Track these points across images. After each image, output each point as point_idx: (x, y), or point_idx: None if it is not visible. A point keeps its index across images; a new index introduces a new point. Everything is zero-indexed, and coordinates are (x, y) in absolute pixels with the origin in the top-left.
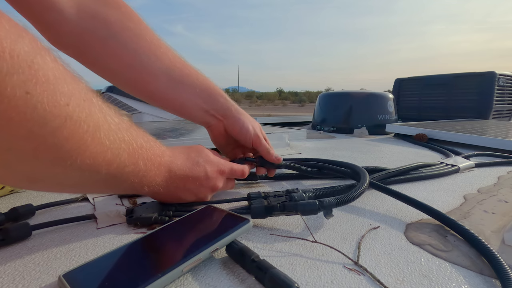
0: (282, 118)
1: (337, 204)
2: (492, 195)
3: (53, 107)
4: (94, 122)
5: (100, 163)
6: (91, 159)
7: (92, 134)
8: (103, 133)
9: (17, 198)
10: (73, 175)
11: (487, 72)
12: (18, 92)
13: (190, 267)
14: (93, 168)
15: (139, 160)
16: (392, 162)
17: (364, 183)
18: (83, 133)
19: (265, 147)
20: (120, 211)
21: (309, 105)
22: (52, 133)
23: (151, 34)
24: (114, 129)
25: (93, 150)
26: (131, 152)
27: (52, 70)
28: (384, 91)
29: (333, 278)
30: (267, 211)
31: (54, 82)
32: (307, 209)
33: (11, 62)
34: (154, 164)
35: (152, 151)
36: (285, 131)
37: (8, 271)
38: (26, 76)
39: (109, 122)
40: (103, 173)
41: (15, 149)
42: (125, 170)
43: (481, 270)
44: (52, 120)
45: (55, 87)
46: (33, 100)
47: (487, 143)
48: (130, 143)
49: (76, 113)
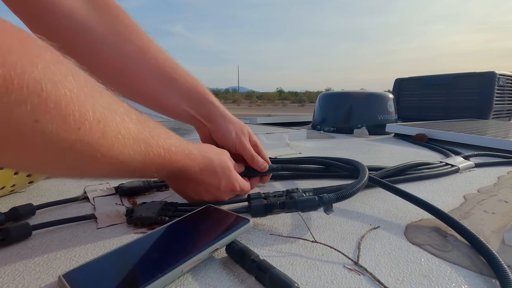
0: (282, 118)
1: (336, 199)
2: (492, 195)
3: (63, 131)
4: (108, 141)
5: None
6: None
7: (109, 148)
8: (121, 146)
9: (17, 198)
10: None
11: (487, 72)
12: (27, 120)
13: (190, 267)
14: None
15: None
16: (392, 162)
17: (363, 177)
18: (95, 151)
19: (249, 153)
20: (120, 211)
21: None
22: (63, 152)
23: (141, 37)
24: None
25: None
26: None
27: (64, 96)
28: (384, 91)
29: (333, 278)
30: (267, 209)
31: (66, 107)
32: (306, 205)
33: (19, 93)
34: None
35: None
36: (285, 131)
37: (8, 271)
38: (35, 105)
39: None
40: (132, 167)
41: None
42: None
43: (481, 270)
44: (60, 142)
45: (66, 113)
46: (41, 127)
47: (487, 143)
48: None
49: (87, 136)
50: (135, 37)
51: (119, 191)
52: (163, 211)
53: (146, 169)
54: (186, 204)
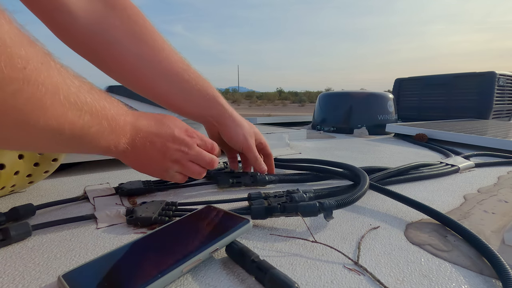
0: (282, 118)
1: (337, 206)
2: (492, 195)
3: (11, 70)
4: (52, 84)
5: (62, 124)
6: (53, 120)
7: (52, 96)
8: (62, 95)
9: (17, 198)
10: (38, 136)
11: (487, 72)
12: None
13: (190, 267)
14: (56, 130)
15: (102, 120)
16: (392, 162)
17: (364, 185)
18: (41, 95)
19: (254, 156)
20: (120, 211)
21: (309, 105)
22: (12, 95)
23: (155, 37)
24: (75, 91)
25: (54, 112)
26: (93, 113)
27: (8, 33)
28: (384, 91)
29: (333, 278)
30: (267, 212)
31: (11, 45)
32: (307, 210)
33: None
34: (119, 124)
35: (115, 111)
36: (285, 131)
37: (8, 271)
38: None
39: (69, 84)
40: (67, 134)
41: None
42: (90, 131)
43: (481, 270)
44: (10, 83)
45: (12, 50)
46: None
47: (487, 143)
48: (92, 105)
49: (33, 76)
50: (149, 38)
51: (119, 191)
52: (163, 211)
53: (98, 123)
54: (186, 204)
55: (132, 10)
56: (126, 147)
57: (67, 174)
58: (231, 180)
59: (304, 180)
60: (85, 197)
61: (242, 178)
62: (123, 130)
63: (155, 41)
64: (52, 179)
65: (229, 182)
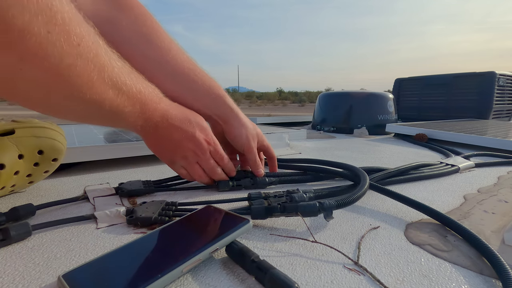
0: (282, 118)
1: (337, 206)
2: (492, 195)
3: (68, 45)
4: (100, 62)
5: (104, 100)
6: (96, 95)
7: (98, 73)
8: (107, 74)
9: (17, 198)
10: (82, 107)
11: (487, 72)
12: (42, 31)
13: (190, 267)
14: (98, 104)
15: (136, 103)
16: (392, 162)
17: (364, 185)
18: (90, 71)
19: (253, 157)
20: (120, 211)
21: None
22: (67, 68)
23: (163, 37)
24: (117, 72)
25: (98, 87)
26: (130, 94)
27: (67, 12)
28: (384, 91)
29: (333, 278)
30: (267, 212)
31: (69, 23)
32: (307, 210)
33: (36, 4)
34: (149, 109)
35: (149, 96)
36: (285, 131)
37: (8, 271)
38: (48, 17)
39: (113, 65)
40: (106, 109)
41: (39, 81)
42: (124, 110)
43: (481, 270)
44: (67, 57)
45: (69, 28)
46: (53, 39)
47: (487, 143)
48: (130, 87)
49: (85, 53)
50: (156, 38)
51: (119, 191)
52: (163, 211)
53: (132, 104)
54: (186, 203)
55: (139, 10)
56: (150, 130)
57: (67, 174)
58: (231, 183)
59: (304, 181)
60: (85, 197)
61: (242, 181)
62: (152, 115)
63: (162, 41)
64: (52, 179)
65: (229, 185)
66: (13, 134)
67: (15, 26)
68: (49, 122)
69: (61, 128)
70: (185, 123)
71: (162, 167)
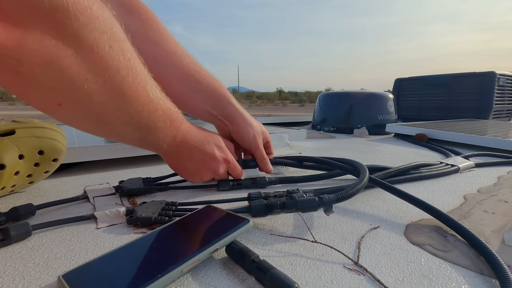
0: (282, 118)
1: (337, 200)
2: (492, 195)
3: (123, 59)
4: (144, 76)
5: (144, 112)
6: (140, 106)
7: (143, 86)
8: (149, 87)
9: (17, 198)
10: (126, 119)
11: (487, 72)
12: (106, 46)
13: (190, 267)
14: (139, 117)
15: (167, 119)
16: (392, 162)
17: (363, 178)
18: (137, 83)
19: (261, 155)
20: (120, 211)
21: (309, 105)
22: (121, 80)
23: (169, 40)
24: (154, 87)
25: (142, 99)
26: (164, 110)
27: (121, 32)
28: (384, 91)
29: (333, 278)
30: (267, 209)
31: (123, 41)
32: (307, 205)
33: (103, 24)
34: (175, 127)
35: (176, 115)
36: (285, 131)
37: (8, 271)
38: (110, 35)
39: (151, 80)
40: (144, 122)
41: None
42: (157, 125)
43: (481, 270)
44: (122, 69)
45: (123, 45)
46: (113, 53)
47: (487, 143)
48: (164, 103)
49: (134, 67)
50: (163, 41)
51: (119, 190)
52: (163, 211)
53: (164, 120)
54: (186, 203)
55: (146, 14)
56: (172, 150)
57: (67, 174)
58: (231, 183)
59: (304, 181)
60: (85, 197)
61: (242, 181)
62: (177, 134)
63: (168, 45)
64: (52, 179)
65: (229, 185)
66: (14, 134)
67: (87, 41)
68: (49, 122)
69: (61, 128)
70: (205, 144)
71: (162, 167)
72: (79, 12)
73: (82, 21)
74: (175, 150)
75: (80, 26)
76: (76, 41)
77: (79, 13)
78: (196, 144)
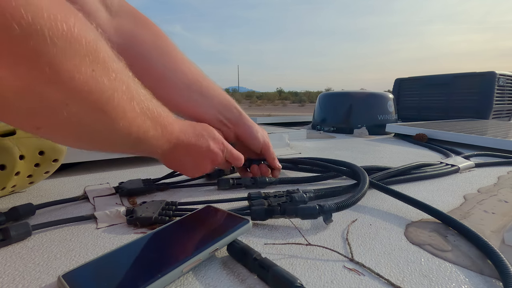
0: (282, 118)
1: (337, 209)
2: (492, 195)
3: (108, 81)
4: (131, 93)
5: (132, 127)
6: (127, 123)
7: (129, 103)
8: (136, 102)
9: (17, 198)
10: (114, 136)
11: (487, 72)
12: (88, 70)
13: (190, 267)
14: (128, 132)
15: (157, 126)
16: (392, 162)
17: (364, 186)
18: (124, 102)
19: (272, 154)
20: (120, 211)
21: (309, 105)
22: (106, 101)
23: (176, 51)
24: (143, 99)
25: (130, 116)
26: (153, 119)
27: (106, 52)
28: (384, 91)
29: (333, 278)
30: (267, 213)
31: (108, 60)
32: (307, 213)
33: (86, 47)
34: (168, 131)
35: (167, 119)
36: (285, 131)
37: (8, 271)
38: (93, 57)
39: (139, 93)
40: (133, 136)
41: (81, 115)
42: (148, 135)
43: (481, 270)
44: (106, 91)
45: (108, 65)
46: (96, 76)
47: (487, 143)
48: (153, 112)
49: (120, 86)
50: (172, 51)
51: (119, 191)
52: (163, 211)
53: (155, 128)
54: (186, 203)
55: (155, 28)
56: (168, 152)
57: (67, 174)
58: (231, 181)
59: (304, 181)
60: (85, 197)
61: (242, 180)
62: (170, 137)
63: (176, 55)
64: (52, 179)
65: (229, 183)
66: (14, 135)
67: (66, 67)
68: None
69: None
70: (200, 138)
71: (162, 167)
72: (56, 38)
73: (60, 46)
74: (171, 152)
75: (57, 52)
76: (53, 68)
77: (56, 38)
78: (191, 141)
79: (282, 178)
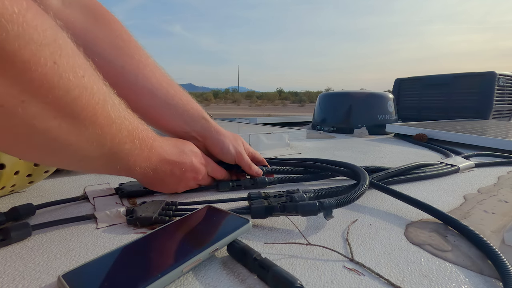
0: (282, 118)
1: (337, 205)
2: (492, 195)
3: (74, 77)
4: (103, 95)
5: (106, 135)
6: (99, 129)
7: (102, 106)
8: (109, 106)
9: (17, 198)
10: (83, 145)
11: (487, 72)
12: (48, 62)
13: (190, 267)
14: (100, 140)
15: (135, 139)
16: (392, 162)
17: (364, 183)
18: (94, 104)
19: (247, 163)
20: (120, 211)
21: (309, 105)
22: (73, 101)
23: (140, 52)
24: (117, 106)
25: (102, 121)
26: (130, 130)
27: (70, 44)
28: (384, 91)
29: (333, 278)
30: (267, 211)
31: (73, 55)
32: (307, 209)
33: (43, 35)
34: (147, 146)
35: (145, 133)
36: (285, 131)
37: (8, 271)
38: (54, 48)
39: (113, 98)
40: (107, 147)
41: (40, 115)
42: (124, 147)
43: (481, 270)
44: (73, 89)
45: (74, 60)
46: (59, 70)
47: (487, 143)
48: (129, 122)
49: (90, 85)
50: (134, 53)
51: (119, 192)
52: (163, 211)
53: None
54: (186, 203)
55: (115, 25)
56: (149, 171)
57: (67, 174)
58: (231, 183)
59: (304, 180)
60: (85, 197)
61: (242, 181)
62: (150, 153)
63: (140, 56)
64: (52, 179)
65: (229, 185)
66: None
67: (19, 56)
68: None
69: None
70: (181, 155)
71: None
72: (5, 20)
73: (12, 31)
74: (154, 172)
75: (8, 37)
76: (4, 55)
77: (5, 20)
78: (174, 158)
79: (282, 178)
